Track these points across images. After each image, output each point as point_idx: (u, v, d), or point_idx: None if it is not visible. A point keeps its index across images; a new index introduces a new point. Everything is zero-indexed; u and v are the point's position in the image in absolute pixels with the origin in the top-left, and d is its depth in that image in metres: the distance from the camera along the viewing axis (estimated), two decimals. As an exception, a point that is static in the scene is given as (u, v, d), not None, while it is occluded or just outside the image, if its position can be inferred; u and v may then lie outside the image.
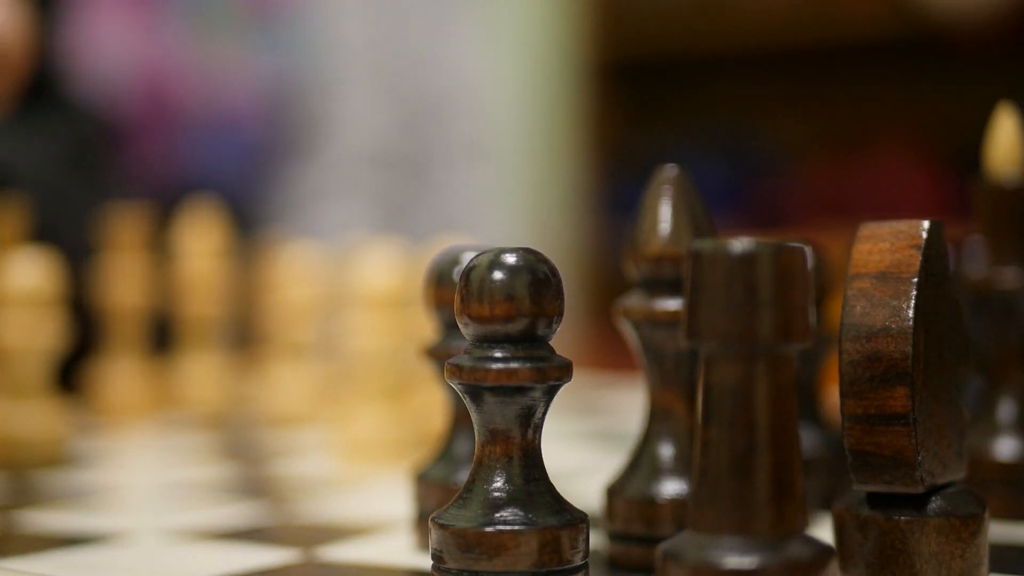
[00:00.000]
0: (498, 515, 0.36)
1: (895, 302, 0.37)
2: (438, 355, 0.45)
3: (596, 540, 0.43)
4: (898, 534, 0.37)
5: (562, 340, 0.38)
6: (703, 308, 0.32)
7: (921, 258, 0.38)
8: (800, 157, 2.14)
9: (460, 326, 0.37)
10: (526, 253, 0.36)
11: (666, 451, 0.42)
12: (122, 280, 0.84)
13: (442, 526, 0.36)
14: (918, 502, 0.38)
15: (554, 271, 0.36)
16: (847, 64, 2.08)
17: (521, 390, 0.36)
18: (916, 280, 0.38)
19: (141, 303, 0.84)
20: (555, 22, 2.22)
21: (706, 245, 0.32)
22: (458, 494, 0.37)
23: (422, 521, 0.45)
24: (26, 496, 0.59)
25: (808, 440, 0.47)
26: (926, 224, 0.38)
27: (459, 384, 0.36)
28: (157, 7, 1.77)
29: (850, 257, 0.39)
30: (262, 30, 1.81)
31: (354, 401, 0.70)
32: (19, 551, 0.48)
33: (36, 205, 0.83)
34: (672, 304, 0.42)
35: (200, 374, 0.86)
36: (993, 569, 0.39)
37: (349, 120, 1.83)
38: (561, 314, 0.37)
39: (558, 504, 0.37)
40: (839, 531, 0.39)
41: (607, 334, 1.11)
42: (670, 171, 0.43)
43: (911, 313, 0.37)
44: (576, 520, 0.36)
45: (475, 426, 0.37)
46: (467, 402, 0.37)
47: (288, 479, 0.64)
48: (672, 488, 0.41)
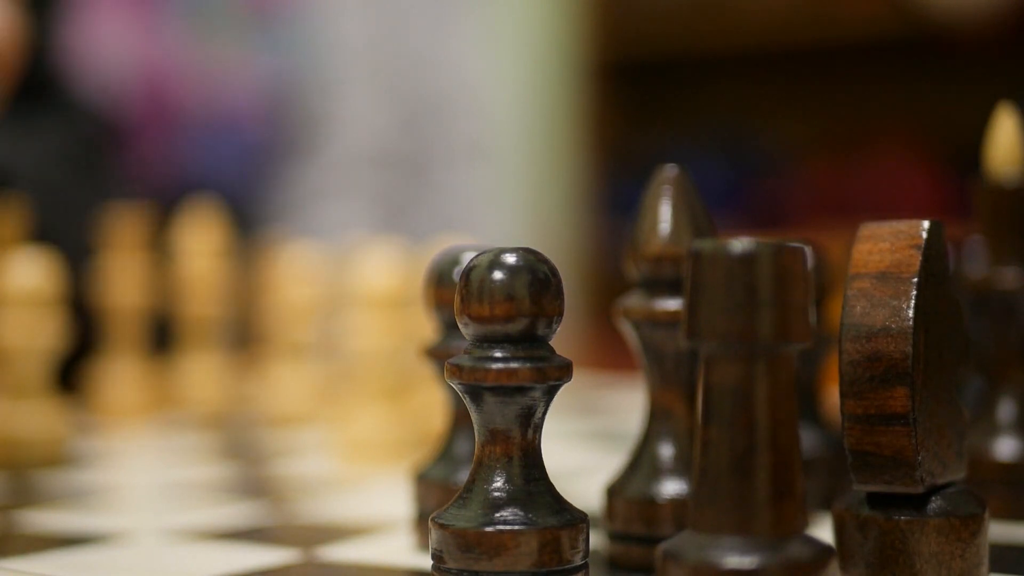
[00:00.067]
0: (498, 515, 0.36)
1: (895, 302, 0.37)
2: (438, 355, 0.45)
3: (596, 540, 0.43)
4: (898, 534, 0.37)
5: (562, 340, 0.38)
6: (703, 308, 0.32)
7: (921, 258, 0.38)
8: (800, 157, 2.14)
9: (460, 326, 0.37)
10: (526, 253, 0.36)
11: (666, 451, 0.42)
12: (122, 280, 0.84)
13: (442, 526, 0.36)
14: (918, 502, 0.38)
15: (554, 271, 0.36)
16: (847, 64, 2.08)
17: (521, 390, 0.36)
18: (916, 280, 0.38)
19: (141, 303, 0.84)
20: (555, 22, 2.22)
21: (706, 245, 0.32)
22: (458, 494, 0.37)
23: (422, 521, 0.45)
24: (26, 496, 0.59)
25: (808, 440, 0.47)
26: (926, 224, 0.38)
27: (459, 384, 0.36)
28: (157, 7, 1.77)
29: (850, 257, 0.39)
30: (262, 30, 1.81)
31: (354, 401, 0.70)
32: (19, 551, 0.48)
33: (36, 205, 0.83)
34: (672, 304, 0.42)
35: (200, 374, 0.86)
36: (993, 569, 0.39)
37: (349, 120, 1.83)
38: (561, 314, 0.37)
39: (558, 504, 0.37)
40: (839, 531, 0.39)
41: (607, 334, 1.11)
42: (670, 171, 0.43)
43: (911, 313, 0.37)
44: (576, 520, 0.36)
45: (475, 426, 0.37)
46: (467, 402, 0.37)
47: (288, 479, 0.64)
48: (672, 488, 0.41)
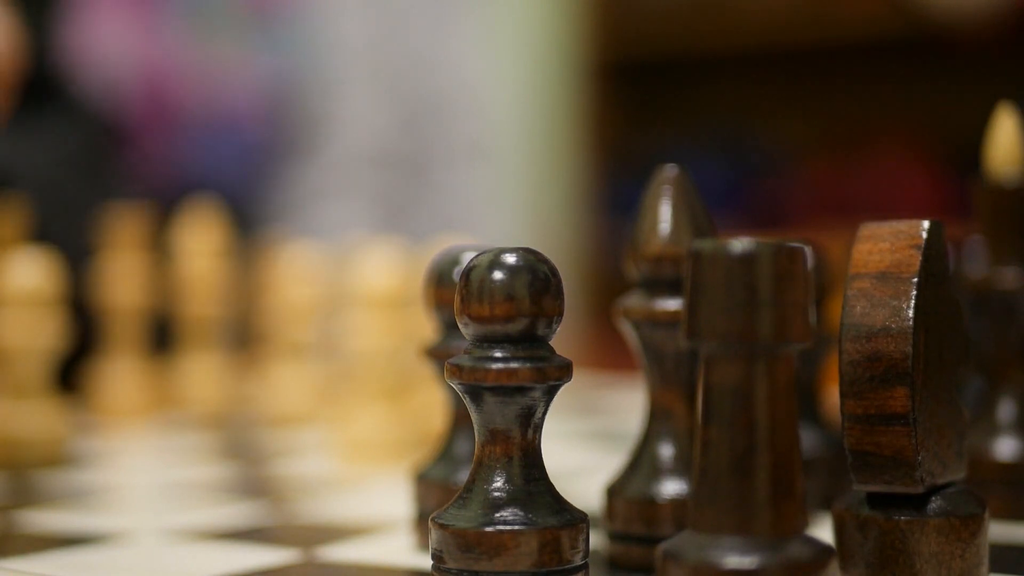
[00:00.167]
0: (498, 515, 0.36)
1: (895, 302, 0.37)
2: (438, 355, 0.45)
3: (596, 540, 0.43)
4: (898, 534, 0.37)
5: (562, 340, 0.38)
6: (703, 308, 0.32)
7: (921, 258, 0.38)
8: (800, 157, 2.14)
9: (460, 326, 0.37)
10: (526, 253, 0.36)
11: (666, 451, 0.42)
12: (122, 280, 0.84)
13: (442, 526, 0.36)
14: (918, 502, 0.38)
15: (554, 271, 0.36)
16: (847, 64, 2.08)
17: (521, 390, 0.36)
18: (916, 280, 0.38)
19: (141, 303, 0.84)
20: (555, 22, 2.22)
21: (706, 245, 0.32)
22: (458, 494, 0.37)
23: (422, 521, 0.45)
24: (26, 496, 0.59)
25: (808, 440, 0.47)
26: (926, 224, 0.38)
27: (459, 384, 0.36)
28: (157, 7, 1.77)
29: (850, 257, 0.39)
30: (262, 30, 1.81)
31: (354, 401, 0.70)
32: (19, 551, 0.48)
33: (36, 205, 0.83)
34: (672, 304, 0.42)
35: (200, 374, 0.86)
36: (993, 569, 0.39)
37: (349, 120, 1.83)
38: (561, 314, 0.37)
39: (558, 504, 0.37)
40: (839, 531, 0.39)
41: (607, 334, 1.11)
42: (670, 171, 0.43)
43: (911, 313, 0.37)
44: (576, 520, 0.36)
45: (475, 426, 0.37)
46: (467, 402, 0.37)
47: (288, 479, 0.64)
48: (672, 488, 0.41)
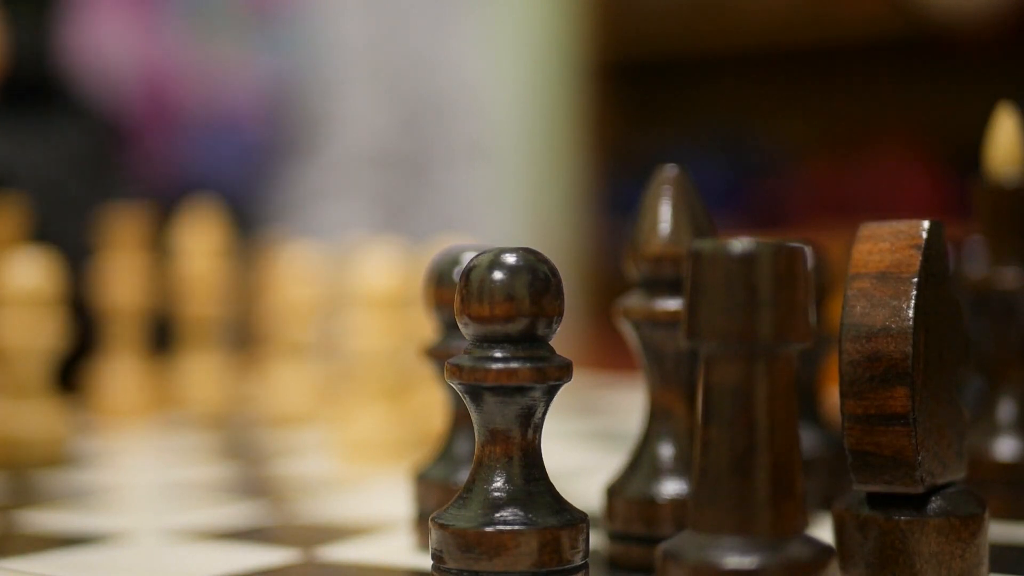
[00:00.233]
0: (498, 515, 0.36)
1: (895, 302, 0.37)
2: (438, 355, 0.45)
3: (596, 540, 0.43)
4: (898, 534, 0.37)
5: (562, 340, 0.38)
6: (703, 308, 0.32)
7: (921, 258, 0.38)
8: (800, 157, 2.14)
9: (460, 326, 0.37)
10: (526, 253, 0.36)
11: (666, 451, 0.42)
12: (122, 280, 0.84)
13: (442, 526, 0.36)
14: (918, 502, 0.38)
15: (554, 271, 0.36)
16: (847, 64, 2.08)
17: (521, 390, 0.36)
18: (916, 280, 0.38)
19: (141, 303, 0.84)
20: (555, 22, 2.22)
21: (706, 245, 0.32)
22: (458, 494, 0.37)
23: (422, 521, 0.45)
24: (26, 496, 0.59)
25: (808, 440, 0.47)
26: (926, 224, 0.38)
27: (459, 384, 0.36)
28: (157, 7, 1.77)
29: (850, 257, 0.39)
30: (262, 30, 1.81)
31: (354, 401, 0.70)
32: (19, 551, 0.48)
33: (36, 205, 0.83)
34: (672, 304, 0.42)
35: (200, 374, 0.86)
36: (993, 569, 0.39)
37: (349, 120, 1.83)
38: (561, 314, 0.37)
39: (558, 504, 0.37)
40: (839, 531, 0.39)
41: (607, 334, 1.11)
42: (670, 171, 0.43)
43: (911, 313, 0.37)
44: (576, 520, 0.36)
45: (475, 426, 0.37)
46: (467, 402, 0.37)
47: (288, 479, 0.64)
48: (672, 488, 0.41)
